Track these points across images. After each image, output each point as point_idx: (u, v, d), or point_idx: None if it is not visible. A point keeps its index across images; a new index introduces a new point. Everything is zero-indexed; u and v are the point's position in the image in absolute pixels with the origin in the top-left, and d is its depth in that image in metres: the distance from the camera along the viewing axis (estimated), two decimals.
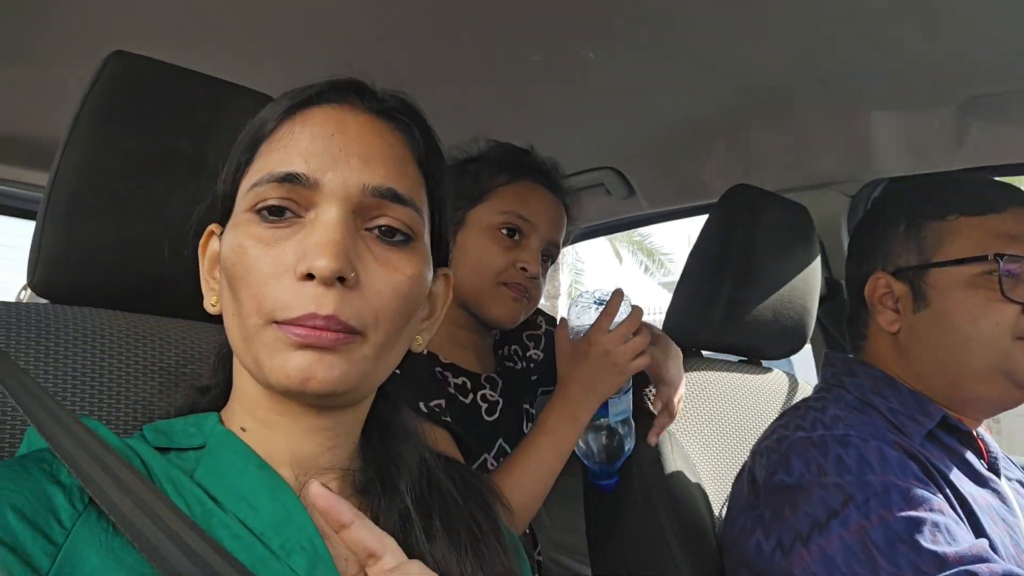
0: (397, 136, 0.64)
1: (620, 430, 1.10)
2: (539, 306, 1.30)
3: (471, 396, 1.16)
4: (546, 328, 1.39)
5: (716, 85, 1.39)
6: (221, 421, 0.65)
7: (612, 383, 1.06)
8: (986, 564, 0.80)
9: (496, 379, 1.20)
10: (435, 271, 0.68)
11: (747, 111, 1.48)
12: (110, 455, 0.55)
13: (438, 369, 1.13)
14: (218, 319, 0.66)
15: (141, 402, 0.74)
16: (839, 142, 1.50)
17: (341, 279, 0.56)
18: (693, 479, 1.16)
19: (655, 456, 1.14)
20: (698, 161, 1.74)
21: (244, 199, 0.60)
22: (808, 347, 1.50)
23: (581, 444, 1.11)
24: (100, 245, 0.78)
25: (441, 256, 0.70)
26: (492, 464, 1.12)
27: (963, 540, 0.83)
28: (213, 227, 0.66)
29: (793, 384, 1.48)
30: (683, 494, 1.12)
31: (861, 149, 1.49)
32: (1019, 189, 1.05)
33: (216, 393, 0.69)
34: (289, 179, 0.58)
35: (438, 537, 0.64)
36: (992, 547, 0.88)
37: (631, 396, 1.12)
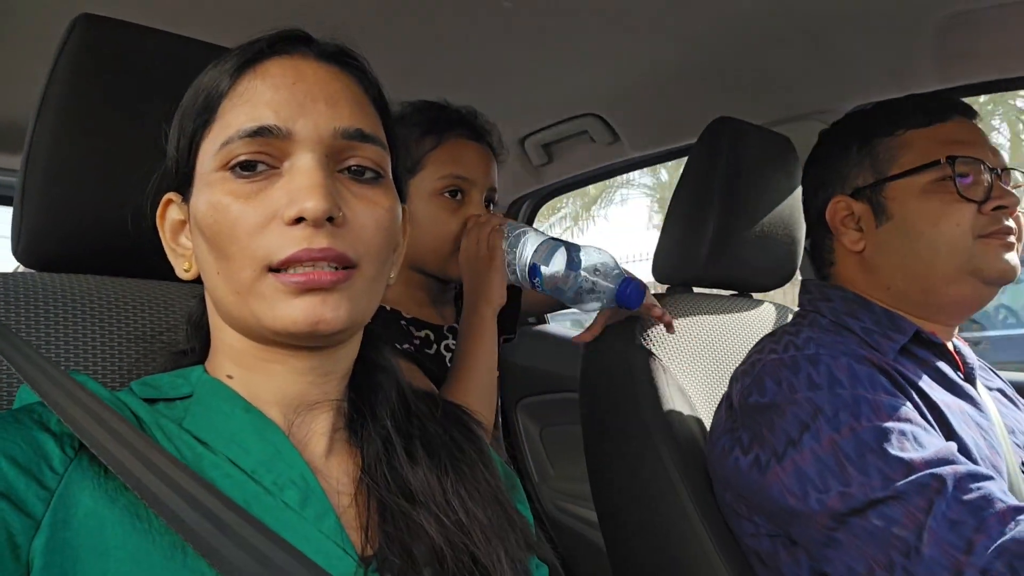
0: (352, 78, 0.65)
1: (572, 275, 1.08)
2: None
3: (435, 347, 1.20)
4: None
5: (692, 22, 1.38)
6: (206, 371, 0.66)
7: (492, 276, 1.12)
8: (951, 466, 0.83)
9: (458, 329, 1.22)
10: None
11: (724, 47, 1.46)
12: (101, 406, 0.56)
13: (402, 322, 1.18)
14: (197, 279, 0.67)
15: (125, 366, 0.76)
16: (817, 71, 1.50)
17: (330, 219, 0.58)
18: (688, 411, 1.18)
19: (652, 391, 1.16)
20: (679, 101, 1.73)
21: (214, 159, 0.60)
22: None
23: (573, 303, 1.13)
24: (79, 212, 0.78)
25: (400, 194, 0.71)
26: None
27: (931, 446, 0.86)
28: (170, 196, 0.67)
29: (783, 315, 1.50)
30: (679, 426, 1.14)
31: (839, 77, 1.49)
32: (959, 99, 1.10)
33: (194, 357, 0.70)
34: (261, 132, 0.59)
35: (420, 460, 0.66)
36: (965, 448, 0.92)
37: (549, 242, 1.12)
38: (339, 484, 0.63)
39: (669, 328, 1.21)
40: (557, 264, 1.08)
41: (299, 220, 0.57)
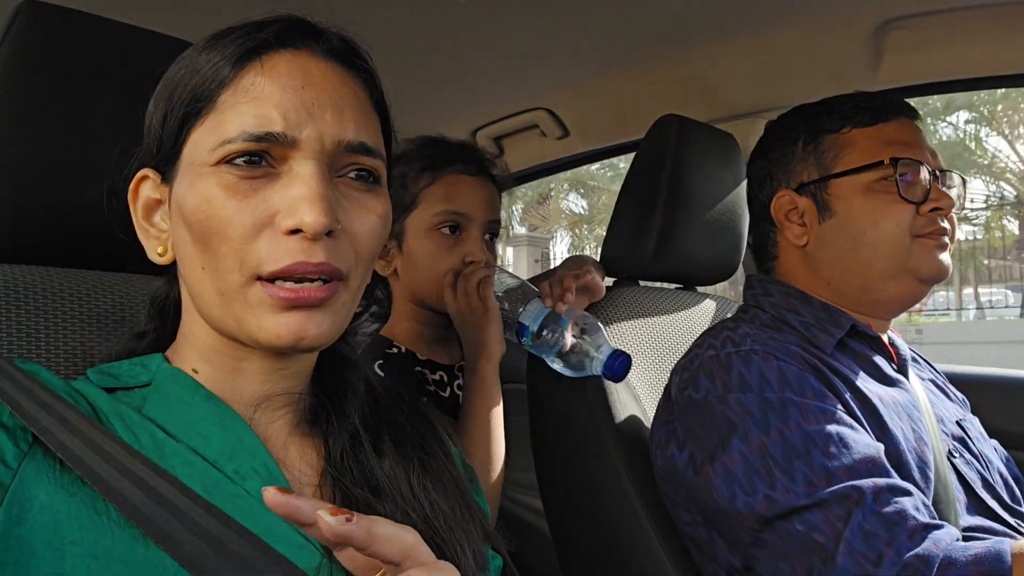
0: (358, 83, 0.64)
1: (561, 337, 1.09)
2: None
3: (448, 390, 1.21)
4: None
5: (640, 18, 1.40)
6: (167, 360, 0.65)
7: (488, 329, 1.11)
8: (872, 479, 0.86)
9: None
10: None
11: (671, 43, 1.49)
12: (52, 396, 0.55)
13: (417, 369, 1.18)
14: (150, 270, 0.66)
15: (79, 349, 0.74)
16: (760, 70, 1.53)
17: (328, 232, 0.57)
18: (632, 402, 1.20)
19: (597, 382, 1.17)
20: (628, 97, 1.76)
21: (211, 153, 0.58)
22: None
23: (562, 367, 1.13)
24: (26, 203, 0.76)
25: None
26: None
27: (857, 450, 0.89)
28: (147, 172, 0.64)
29: (724, 308, 1.53)
30: (624, 416, 1.16)
31: (782, 76, 1.52)
32: (903, 100, 1.13)
33: (152, 339, 0.69)
34: (268, 138, 0.57)
35: (387, 453, 0.66)
36: (895, 441, 0.95)
37: (539, 303, 1.13)
38: (301, 475, 0.62)
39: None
40: (540, 321, 1.10)
41: (295, 231, 0.56)
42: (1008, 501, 1.05)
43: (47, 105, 0.77)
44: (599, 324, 1.09)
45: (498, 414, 1.11)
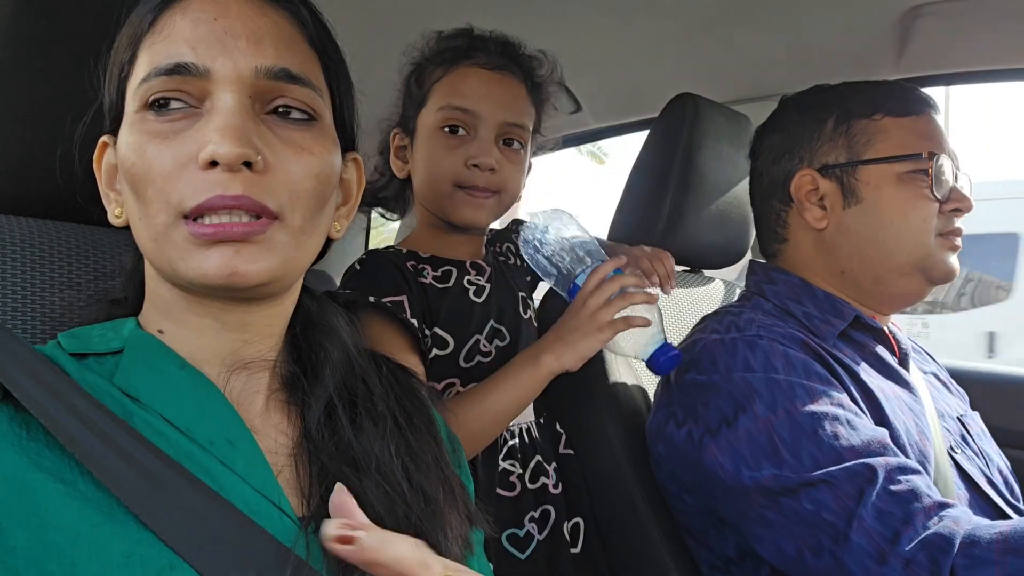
0: (283, 15, 0.61)
1: None
2: None
3: (454, 280, 1.10)
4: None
5: None
6: (139, 325, 0.63)
7: (590, 340, 0.96)
8: (883, 457, 0.85)
9: (483, 266, 1.15)
10: (344, 156, 0.67)
11: (690, 22, 1.46)
12: (29, 353, 0.54)
13: (411, 263, 1.08)
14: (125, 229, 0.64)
15: (54, 314, 0.72)
16: (780, 52, 1.50)
17: (248, 164, 0.55)
18: (634, 383, 1.19)
19: (599, 363, 1.16)
20: (643, 74, 1.73)
21: (133, 99, 0.57)
22: None
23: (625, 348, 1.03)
24: (10, 152, 0.74)
25: (347, 140, 0.68)
26: (484, 345, 1.08)
27: (864, 432, 0.88)
28: (106, 139, 0.63)
29: (731, 292, 1.52)
30: (625, 398, 1.15)
31: (801, 59, 1.49)
32: (930, 96, 1.09)
33: (128, 306, 0.67)
34: (178, 70, 0.56)
35: (364, 426, 0.64)
36: (895, 434, 0.94)
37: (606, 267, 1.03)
38: (277, 445, 0.61)
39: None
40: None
41: (214, 164, 0.54)
42: (1009, 498, 1.04)
43: (33, 55, 0.75)
44: (660, 309, 1.00)
45: (518, 407, 1.00)
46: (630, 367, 1.21)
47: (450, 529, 0.63)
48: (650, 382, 1.23)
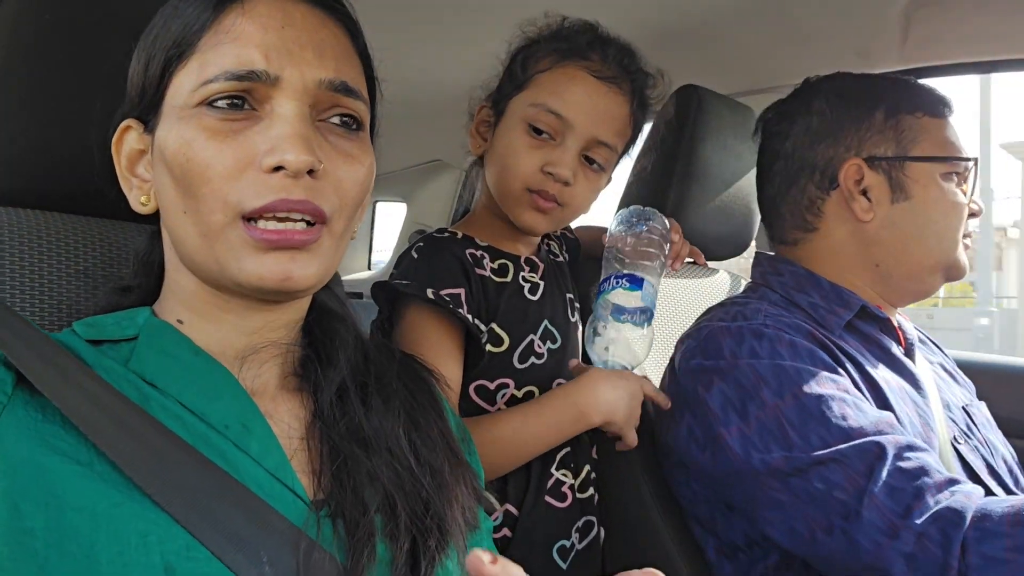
0: (340, 26, 0.64)
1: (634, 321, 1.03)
2: None
3: (511, 275, 1.06)
4: (561, 232, 1.28)
5: None
6: (154, 314, 0.64)
7: (625, 415, 1.00)
8: (891, 435, 0.86)
9: (537, 262, 1.11)
10: None
11: (696, 13, 1.46)
12: (41, 338, 0.55)
13: (470, 251, 1.03)
14: (143, 218, 0.65)
15: (65, 303, 0.73)
16: (784, 44, 1.50)
17: (310, 171, 0.57)
18: (638, 370, 1.19)
19: None
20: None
21: (192, 95, 0.58)
22: None
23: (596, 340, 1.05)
24: (23, 145, 0.75)
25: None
26: (538, 345, 1.05)
27: (872, 412, 0.90)
28: (130, 122, 0.64)
29: (736, 284, 1.52)
30: None
31: (805, 51, 1.49)
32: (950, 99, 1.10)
33: (139, 294, 0.68)
34: (250, 76, 0.57)
35: (374, 406, 0.66)
36: (899, 423, 0.94)
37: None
38: (290, 428, 0.62)
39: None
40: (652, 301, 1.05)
41: (277, 169, 0.56)
42: (1013, 489, 1.04)
43: (48, 48, 0.75)
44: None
45: (537, 446, 0.98)
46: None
47: (456, 501, 0.65)
48: (653, 369, 1.23)
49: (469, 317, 0.97)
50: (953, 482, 0.83)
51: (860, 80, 1.11)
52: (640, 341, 1.03)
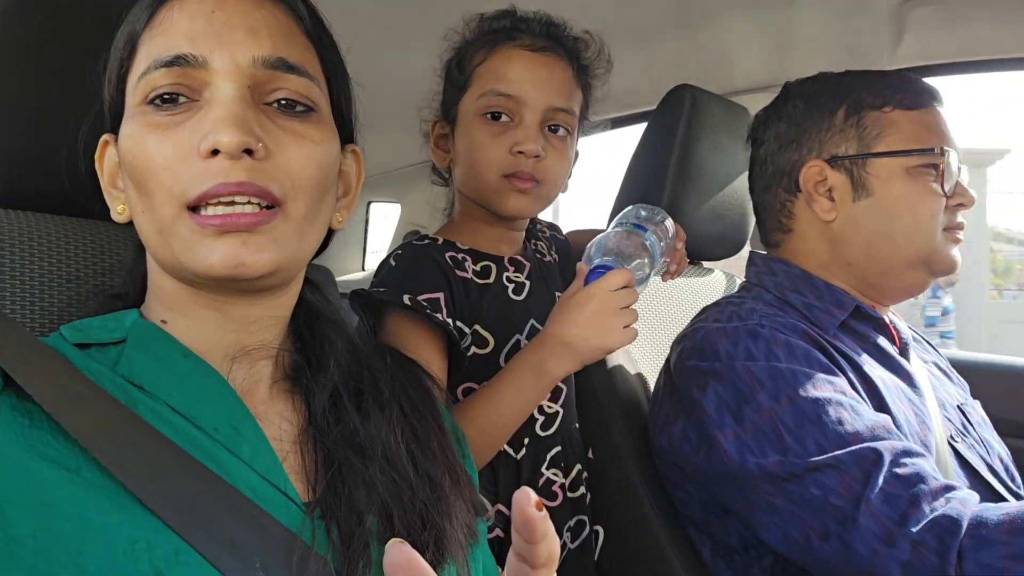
0: (279, 7, 0.62)
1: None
2: None
3: (494, 276, 1.06)
4: (550, 233, 1.29)
5: None
6: (141, 316, 0.64)
7: (596, 345, 0.92)
8: (888, 441, 0.86)
9: (522, 261, 1.11)
10: (343, 148, 0.67)
11: (686, 14, 1.46)
12: (29, 340, 0.54)
13: (451, 255, 1.03)
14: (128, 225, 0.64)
15: (55, 308, 0.73)
16: (777, 43, 1.50)
17: (249, 152, 0.55)
18: (633, 372, 1.19)
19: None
20: (642, 66, 1.73)
21: (134, 94, 0.58)
22: None
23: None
24: (16, 148, 0.74)
25: (346, 131, 0.68)
26: (525, 345, 1.02)
27: (869, 415, 0.89)
28: (106, 137, 0.64)
29: (731, 284, 1.52)
30: (624, 386, 1.15)
31: (800, 51, 1.49)
32: (937, 89, 1.08)
33: (129, 302, 0.67)
34: (177, 62, 0.56)
35: (370, 414, 0.65)
36: (896, 423, 0.94)
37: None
38: (281, 432, 0.61)
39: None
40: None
41: (215, 153, 0.55)
42: (1011, 485, 1.04)
43: (39, 49, 0.75)
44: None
45: (518, 415, 0.95)
46: (627, 354, 1.21)
47: (455, 517, 0.64)
48: (649, 369, 1.23)
49: (449, 321, 0.97)
50: (949, 488, 0.83)
51: (829, 80, 1.11)
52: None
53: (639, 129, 1.42)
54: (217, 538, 0.51)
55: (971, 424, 1.11)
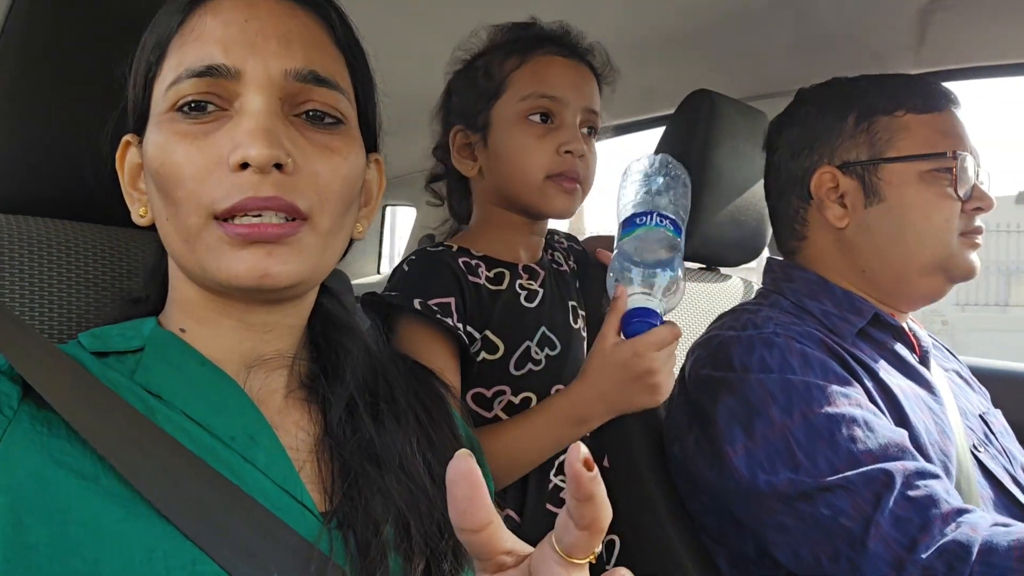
0: (312, 17, 0.62)
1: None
2: None
3: (507, 283, 1.07)
4: (568, 244, 1.29)
5: None
6: (159, 324, 0.64)
7: (637, 404, 0.93)
8: (900, 462, 0.84)
9: (536, 270, 1.12)
10: (367, 157, 0.67)
11: (707, 16, 1.45)
12: (47, 348, 0.54)
13: (464, 260, 1.05)
14: (149, 228, 0.64)
15: (74, 313, 0.73)
16: (797, 47, 1.49)
17: (278, 166, 0.55)
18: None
19: None
20: (660, 70, 1.72)
21: (163, 100, 0.58)
22: None
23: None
24: (36, 153, 0.75)
25: (370, 141, 0.68)
26: (535, 352, 1.05)
27: (882, 434, 0.87)
28: (128, 138, 0.64)
29: (749, 291, 1.51)
30: None
31: (819, 54, 1.48)
32: (951, 90, 1.07)
33: (148, 306, 0.68)
34: (209, 72, 0.56)
35: (386, 423, 0.64)
36: (915, 434, 0.93)
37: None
38: (297, 441, 0.61)
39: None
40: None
41: (245, 166, 0.54)
42: None
43: (60, 55, 0.75)
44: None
45: (541, 454, 0.97)
46: None
47: None
48: None
49: (460, 326, 0.98)
50: (961, 512, 0.81)
51: (841, 85, 1.10)
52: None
53: (656, 134, 1.42)
54: (233, 547, 0.51)
55: (993, 434, 1.09)
